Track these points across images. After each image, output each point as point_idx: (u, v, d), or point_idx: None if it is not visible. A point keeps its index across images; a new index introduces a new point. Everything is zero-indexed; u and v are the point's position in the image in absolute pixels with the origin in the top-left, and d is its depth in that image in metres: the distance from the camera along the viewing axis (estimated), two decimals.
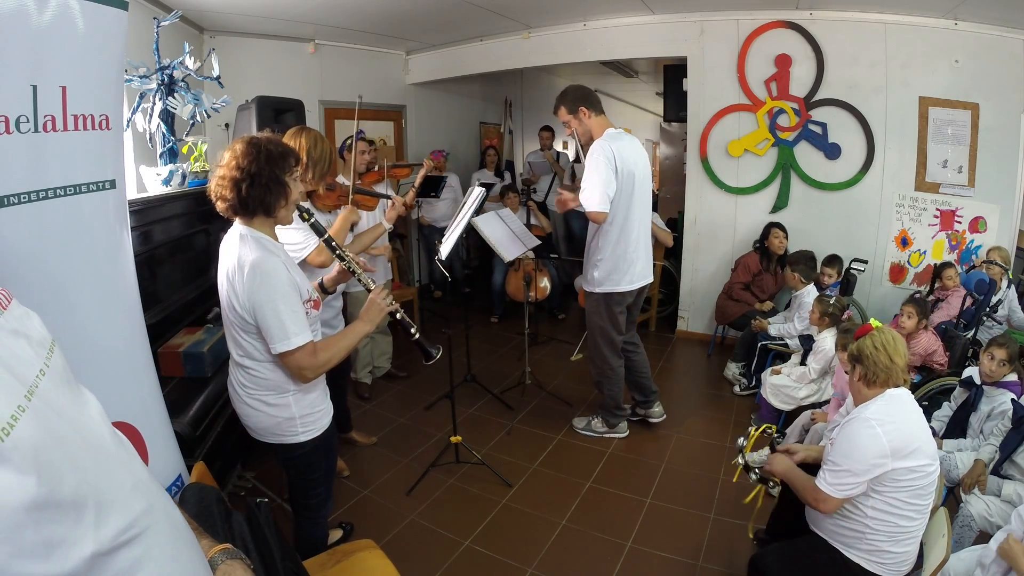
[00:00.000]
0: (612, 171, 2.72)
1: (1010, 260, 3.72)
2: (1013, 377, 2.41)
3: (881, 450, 1.58)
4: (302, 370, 1.55)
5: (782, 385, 3.15)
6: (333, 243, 1.73)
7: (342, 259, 1.74)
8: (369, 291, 1.70)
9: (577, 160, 5.49)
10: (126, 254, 1.57)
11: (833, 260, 3.95)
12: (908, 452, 1.58)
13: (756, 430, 2.22)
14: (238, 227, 1.57)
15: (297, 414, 1.66)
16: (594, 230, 2.91)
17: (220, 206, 1.54)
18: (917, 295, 3.57)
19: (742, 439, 2.20)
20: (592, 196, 2.71)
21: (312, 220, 1.70)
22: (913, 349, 3.06)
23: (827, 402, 2.93)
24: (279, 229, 1.70)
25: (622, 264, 2.87)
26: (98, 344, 1.43)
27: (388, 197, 2.81)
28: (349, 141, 3.14)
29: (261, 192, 1.51)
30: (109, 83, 1.44)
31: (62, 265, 1.32)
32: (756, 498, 2.27)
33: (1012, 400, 2.31)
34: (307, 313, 1.59)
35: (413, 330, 1.77)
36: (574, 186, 5.43)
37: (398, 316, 1.74)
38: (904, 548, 1.65)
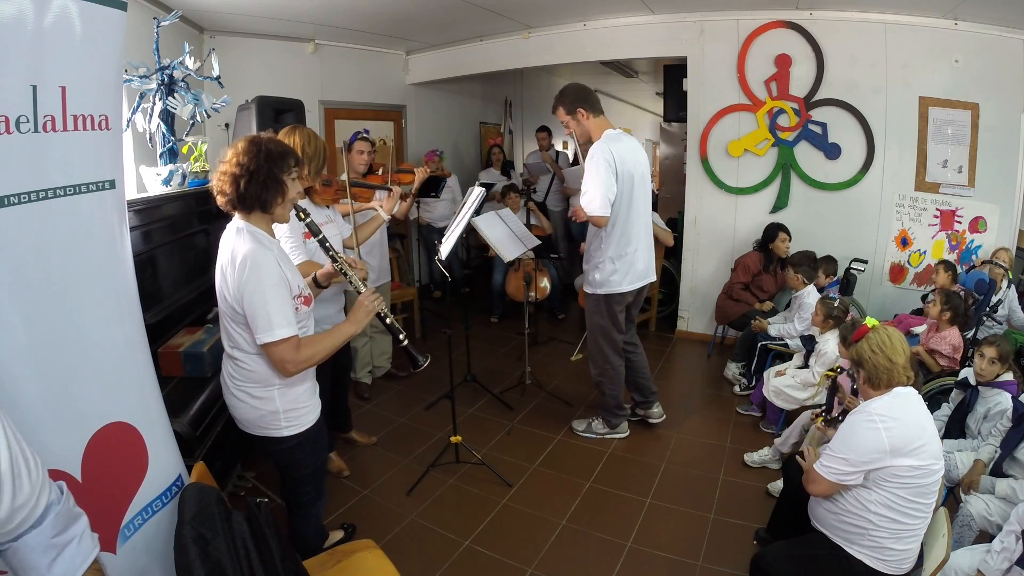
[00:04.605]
0: (612, 174, 2.69)
1: (1012, 260, 3.72)
2: (1008, 376, 2.42)
3: (880, 446, 1.60)
4: (284, 363, 1.58)
5: (784, 386, 3.15)
6: (327, 244, 1.76)
7: (334, 260, 1.76)
8: (359, 293, 1.72)
9: (575, 162, 5.47)
10: (126, 254, 1.57)
11: (823, 260, 3.95)
12: (909, 450, 1.59)
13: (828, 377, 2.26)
14: (236, 221, 1.63)
15: (281, 408, 1.69)
16: (593, 232, 2.89)
17: (220, 200, 1.60)
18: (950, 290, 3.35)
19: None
20: (593, 200, 2.69)
21: (308, 220, 1.74)
22: (948, 340, 3.04)
23: None
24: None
25: (622, 266, 2.86)
26: (98, 344, 1.42)
27: (386, 188, 2.81)
28: (347, 142, 3.15)
29: (258, 189, 1.56)
30: (108, 83, 1.44)
31: (62, 265, 1.32)
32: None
33: (1012, 398, 2.32)
34: (296, 309, 1.61)
35: (402, 336, 1.81)
36: (566, 188, 5.46)
37: (387, 321, 1.78)
38: (906, 546, 1.66)
